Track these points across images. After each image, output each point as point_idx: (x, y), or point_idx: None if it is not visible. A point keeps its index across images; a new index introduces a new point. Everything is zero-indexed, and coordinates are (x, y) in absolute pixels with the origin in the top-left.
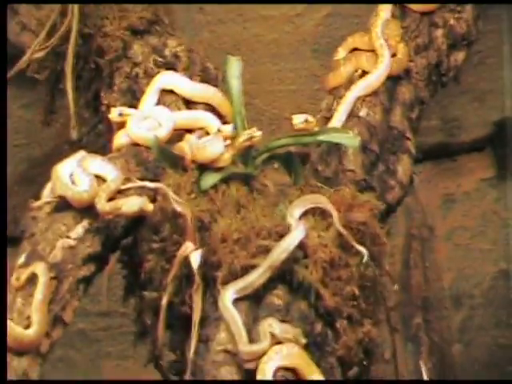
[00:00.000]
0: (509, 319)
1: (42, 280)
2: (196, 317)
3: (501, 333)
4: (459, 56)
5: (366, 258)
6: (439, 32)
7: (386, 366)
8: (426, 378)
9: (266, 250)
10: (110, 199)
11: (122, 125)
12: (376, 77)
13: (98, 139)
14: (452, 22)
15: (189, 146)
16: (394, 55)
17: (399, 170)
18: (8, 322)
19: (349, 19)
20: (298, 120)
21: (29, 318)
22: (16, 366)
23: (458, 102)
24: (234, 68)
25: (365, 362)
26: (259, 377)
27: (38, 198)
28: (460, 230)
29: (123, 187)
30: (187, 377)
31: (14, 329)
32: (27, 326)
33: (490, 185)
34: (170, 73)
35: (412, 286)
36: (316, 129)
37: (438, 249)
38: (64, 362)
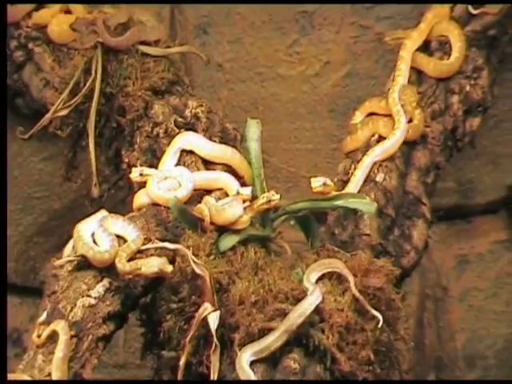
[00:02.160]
0: None
1: (63, 338)
2: (213, 377)
3: None
4: (475, 122)
5: (381, 323)
6: (455, 98)
7: None
8: None
9: (283, 314)
10: (131, 259)
11: (142, 184)
12: (393, 142)
13: (118, 193)
14: (468, 88)
15: (208, 208)
16: (410, 121)
17: (414, 235)
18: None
19: (366, 80)
20: (317, 183)
21: (49, 375)
22: None
23: (473, 165)
24: (253, 130)
25: None
26: None
27: (56, 249)
28: (474, 291)
29: (143, 247)
30: None
31: None
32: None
33: (504, 247)
34: (190, 133)
35: (425, 345)
36: (333, 192)
37: (451, 309)
38: None
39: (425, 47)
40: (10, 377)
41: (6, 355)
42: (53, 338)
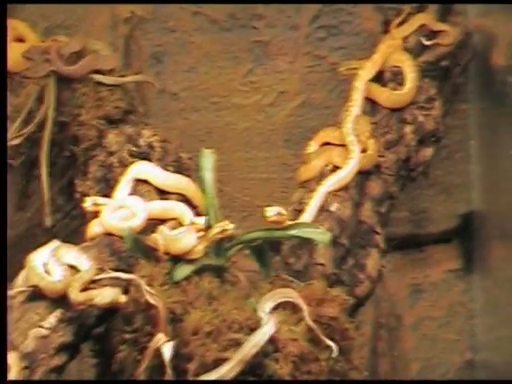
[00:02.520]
0: None
1: (14, 370)
2: None
3: None
4: (428, 152)
5: (335, 353)
6: (408, 128)
7: None
8: None
9: (238, 344)
10: (84, 290)
11: (95, 214)
12: (346, 172)
13: (71, 223)
14: (421, 118)
15: (162, 238)
16: (364, 151)
17: (368, 265)
18: None
19: (320, 110)
20: (271, 213)
21: None
22: None
23: (427, 195)
24: (208, 160)
25: None
26: None
27: (8, 280)
28: (427, 320)
29: (96, 278)
30: None
31: None
32: None
33: (457, 276)
34: (144, 163)
35: (380, 374)
36: (288, 222)
37: (405, 338)
38: None
39: (378, 78)
40: None
41: (6, 355)
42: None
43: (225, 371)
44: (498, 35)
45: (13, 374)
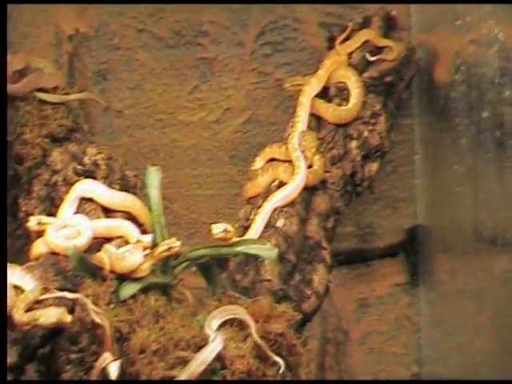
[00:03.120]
0: None
1: None
2: None
3: None
4: (373, 166)
5: (282, 369)
6: (354, 144)
7: None
8: None
9: (185, 362)
10: (28, 310)
11: (40, 233)
12: (292, 188)
13: (15, 242)
14: (366, 134)
15: (107, 256)
16: (310, 166)
17: (315, 280)
18: None
19: (266, 126)
20: (217, 230)
21: None
22: None
23: (372, 209)
24: (154, 177)
25: None
26: None
27: None
28: (374, 334)
29: (41, 298)
30: None
31: None
32: None
33: (403, 290)
34: (89, 181)
35: None
36: (234, 238)
37: (352, 352)
38: None
39: (323, 93)
40: None
41: (6, 355)
42: None
43: None
44: (441, 51)
45: None
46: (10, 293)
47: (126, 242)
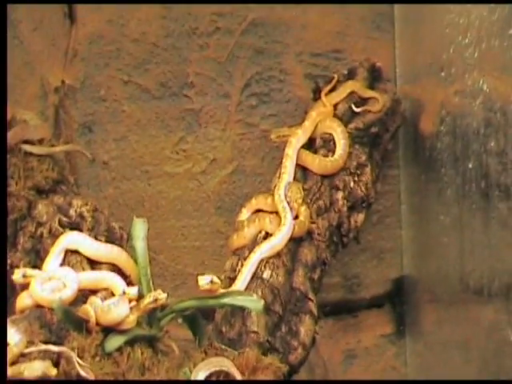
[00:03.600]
0: None
1: None
2: None
3: None
4: (359, 217)
5: None
6: (340, 194)
7: None
8: None
9: None
10: (13, 363)
11: (25, 286)
12: (279, 239)
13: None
14: (352, 184)
15: (93, 309)
16: (296, 217)
17: (302, 331)
18: None
19: (252, 177)
20: (204, 281)
21: None
22: None
23: (358, 260)
24: (139, 229)
25: None
26: None
27: None
28: None
29: (26, 351)
30: None
31: None
32: None
33: (389, 341)
34: (75, 233)
35: None
36: (221, 290)
37: None
38: None
39: (309, 144)
40: None
41: (6, 355)
42: None
43: None
44: (426, 102)
45: None
46: None
47: (112, 294)
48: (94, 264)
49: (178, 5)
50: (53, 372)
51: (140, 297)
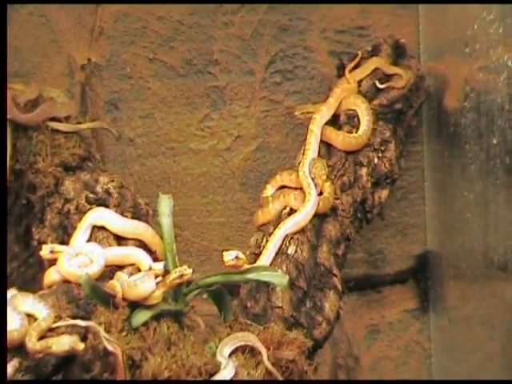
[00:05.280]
0: None
1: None
2: None
3: None
4: (383, 193)
5: None
6: (364, 171)
7: None
8: None
9: None
10: (41, 338)
11: (53, 261)
12: (304, 215)
13: (28, 271)
14: (376, 161)
15: (120, 284)
16: (320, 193)
17: (326, 307)
18: None
19: (276, 154)
20: (229, 257)
21: None
22: None
23: (382, 236)
24: (165, 205)
25: None
26: None
27: None
28: (384, 360)
29: (54, 325)
30: None
31: None
32: None
33: (413, 316)
34: (102, 209)
35: None
36: (246, 265)
37: (363, 379)
38: None
39: (334, 121)
40: None
41: (6, 356)
42: None
43: None
44: (450, 78)
45: None
46: (23, 321)
47: (138, 270)
48: (120, 240)
49: None
50: (80, 346)
51: (166, 272)
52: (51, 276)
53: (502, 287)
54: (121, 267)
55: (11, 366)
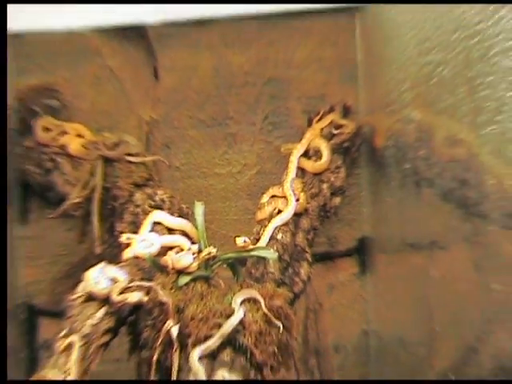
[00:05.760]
0: (371, 363)
1: (76, 346)
2: (175, 369)
3: (366, 371)
4: (337, 200)
5: (281, 330)
6: (325, 185)
7: None
8: None
9: (219, 325)
10: (120, 293)
11: (128, 245)
12: (287, 214)
13: (113, 251)
14: (332, 179)
15: (170, 259)
16: (297, 200)
17: (302, 272)
18: (51, 373)
19: (269, 175)
20: (240, 241)
21: (67, 370)
22: None
23: (336, 227)
24: (199, 209)
25: None
26: None
27: (74, 287)
28: (338, 306)
29: (129, 285)
30: None
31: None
32: (66, 376)
33: (357, 277)
34: (159, 211)
35: (309, 341)
36: (250, 246)
37: (325, 318)
38: None
39: (305, 154)
40: (42, 373)
41: (6, 356)
42: (70, 346)
43: (211, 343)
44: (378, 127)
45: (75, 349)
46: (109, 282)
47: (182, 250)
48: (171, 231)
49: (224, 67)
50: (145, 299)
51: (199, 251)
52: (127, 254)
53: (411, 257)
54: (171, 248)
55: (100, 313)
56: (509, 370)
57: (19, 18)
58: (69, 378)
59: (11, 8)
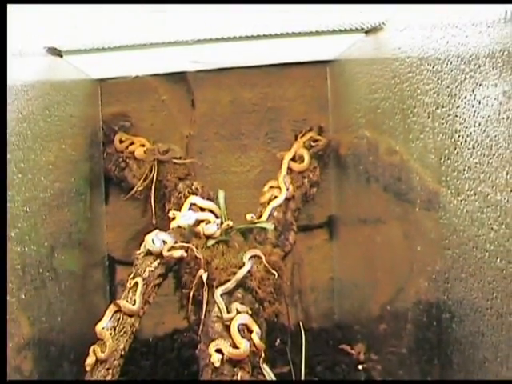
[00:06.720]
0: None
1: (140, 285)
2: (205, 302)
3: (331, 304)
4: (314, 190)
5: (276, 276)
6: (306, 180)
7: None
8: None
9: (234, 273)
10: (169, 250)
11: (174, 218)
12: (280, 199)
13: (164, 222)
14: (311, 176)
15: (202, 228)
16: (288, 190)
17: (290, 238)
18: (123, 302)
19: (269, 173)
20: (249, 216)
21: (134, 300)
22: (129, 322)
23: (312, 208)
24: (221, 195)
25: (275, 318)
26: (232, 328)
27: (139, 246)
28: (314, 261)
29: (174, 245)
30: (200, 331)
31: (127, 305)
32: (133, 304)
33: (326, 242)
34: (194, 196)
35: (294, 283)
36: (256, 220)
37: (305, 269)
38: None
39: (293, 158)
40: (118, 301)
41: (6, 356)
42: (135, 285)
43: (229, 285)
44: (342, 141)
45: (139, 287)
46: (162, 243)
47: (209, 222)
48: (202, 209)
49: (238, 100)
50: (184, 254)
51: (221, 223)
52: (173, 224)
53: (363, 229)
54: (202, 221)
55: (155, 263)
56: (424, 303)
57: (103, 67)
58: (134, 307)
59: (95, 59)
